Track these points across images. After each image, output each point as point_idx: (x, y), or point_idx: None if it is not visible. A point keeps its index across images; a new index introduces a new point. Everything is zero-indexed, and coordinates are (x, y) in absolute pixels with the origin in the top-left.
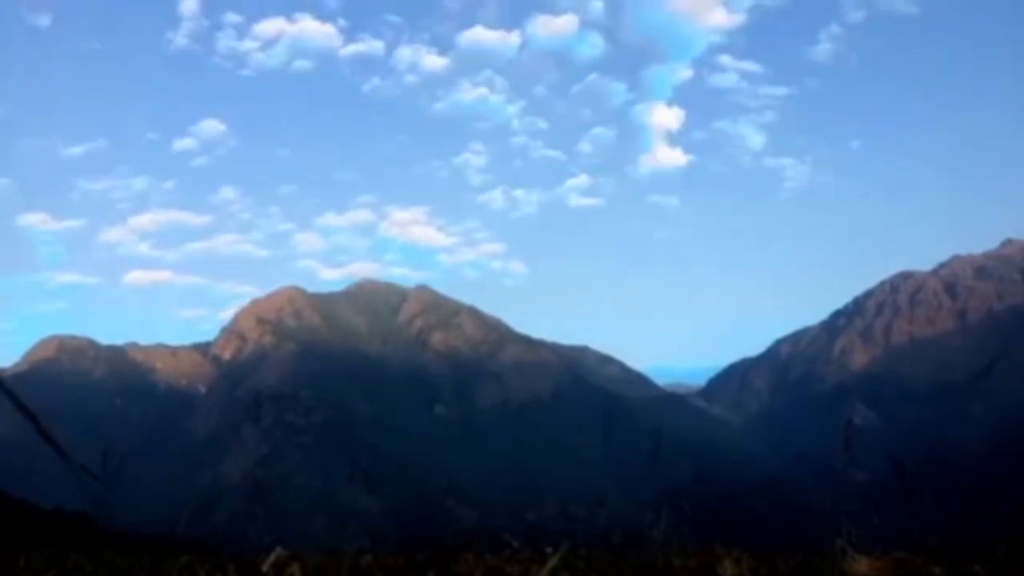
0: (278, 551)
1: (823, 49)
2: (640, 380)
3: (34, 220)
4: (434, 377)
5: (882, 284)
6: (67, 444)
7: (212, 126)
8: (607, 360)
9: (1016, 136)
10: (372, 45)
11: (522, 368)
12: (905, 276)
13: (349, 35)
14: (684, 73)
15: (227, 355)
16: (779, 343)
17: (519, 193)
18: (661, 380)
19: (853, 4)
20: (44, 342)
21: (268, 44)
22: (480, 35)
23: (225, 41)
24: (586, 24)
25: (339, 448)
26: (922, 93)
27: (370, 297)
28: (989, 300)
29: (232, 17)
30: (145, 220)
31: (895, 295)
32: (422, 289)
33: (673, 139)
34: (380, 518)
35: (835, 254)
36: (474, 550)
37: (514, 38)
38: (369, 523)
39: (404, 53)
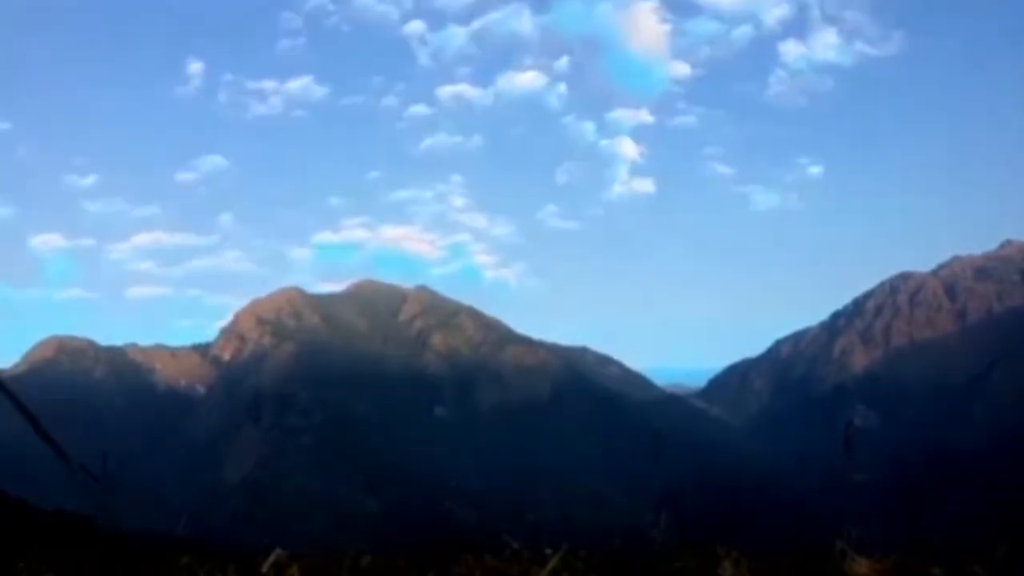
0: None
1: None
2: (640, 381)
3: (44, 240)
4: (434, 378)
5: (882, 285)
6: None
7: (214, 160)
8: (607, 361)
9: (1016, 136)
10: (362, 99)
11: (522, 369)
12: (905, 277)
13: (339, 92)
14: (646, 117)
15: (227, 356)
16: (779, 344)
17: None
18: (661, 381)
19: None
20: (43, 343)
21: (266, 96)
22: (458, 89)
23: (226, 94)
24: (555, 77)
25: (339, 449)
26: (922, 93)
27: (370, 298)
28: (989, 301)
29: (231, 77)
30: (146, 239)
31: (895, 296)
32: (422, 290)
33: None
34: (380, 519)
35: (834, 255)
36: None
37: (488, 92)
38: (369, 524)
39: (391, 101)
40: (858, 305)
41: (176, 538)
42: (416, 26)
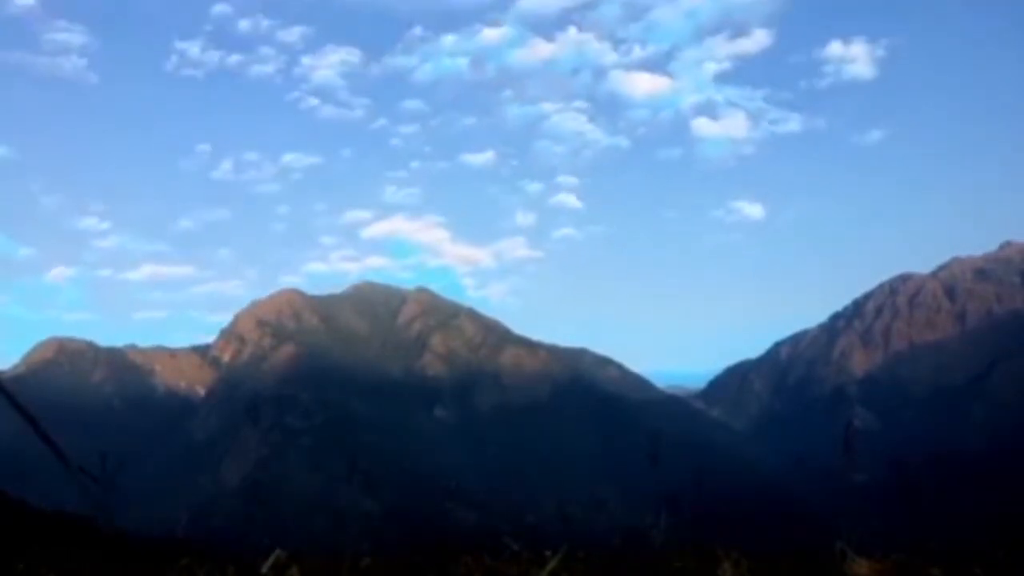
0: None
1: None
2: (639, 382)
3: (58, 273)
4: (433, 379)
5: (881, 286)
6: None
7: (216, 212)
8: (606, 362)
9: (1015, 138)
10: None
11: (521, 370)
12: (904, 278)
13: (328, 162)
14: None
15: (226, 357)
16: (778, 345)
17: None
18: (660, 382)
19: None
20: (43, 344)
21: (261, 167)
22: (426, 164)
23: (227, 165)
24: (504, 155)
25: (338, 450)
26: (921, 95)
27: (369, 299)
28: (988, 302)
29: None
30: (148, 271)
31: (894, 297)
32: (421, 291)
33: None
34: (379, 520)
35: (834, 256)
36: (473, 552)
37: (453, 163)
38: (368, 525)
39: (371, 164)
40: (858, 306)
41: (176, 539)
42: (382, 122)
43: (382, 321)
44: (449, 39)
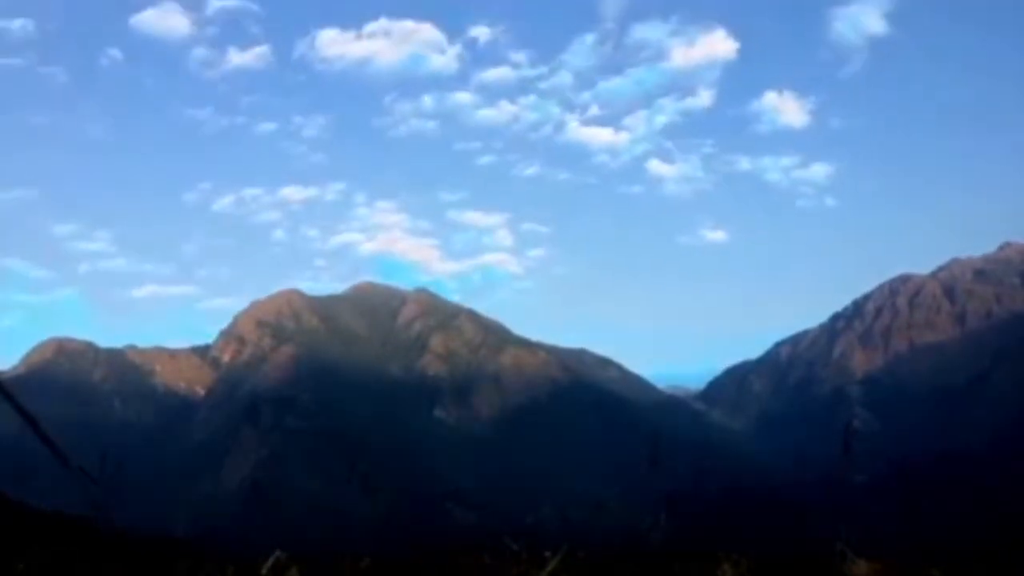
0: (277, 554)
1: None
2: (639, 383)
3: (67, 292)
4: (433, 380)
5: (881, 287)
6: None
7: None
8: (606, 363)
9: (1015, 138)
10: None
11: (521, 371)
12: (904, 279)
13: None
14: None
15: (226, 358)
16: (778, 346)
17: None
18: (660, 383)
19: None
20: (43, 344)
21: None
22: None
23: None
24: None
25: (338, 451)
26: (921, 95)
27: (369, 300)
28: (988, 303)
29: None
30: (149, 291)
31: (894, 298)
32: (421, 292)
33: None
34: (379, 521)
35: (834, 257)
36: (473, 553)
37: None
38: (368, 526)
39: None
40: (857, 307)
41: (176, 539)
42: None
43: (382, 322)
44: (422, 101)
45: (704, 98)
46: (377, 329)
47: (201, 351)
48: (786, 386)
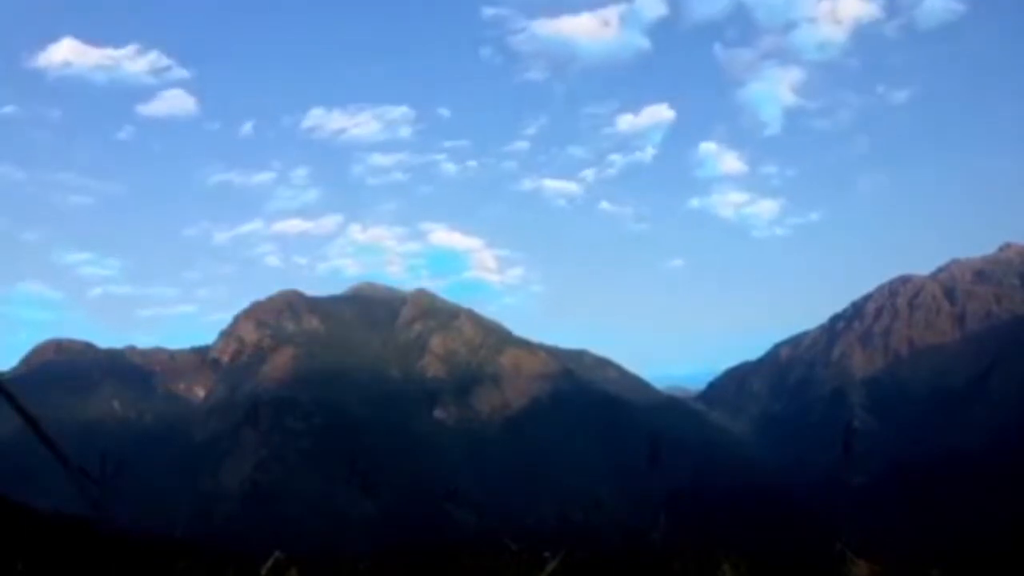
0: (276, 555)
1: None
2: (639, 384)
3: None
4: (433, 380)
5: (881, 288)
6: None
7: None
8: (606, 364)
9: (1015, 139)
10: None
11: (521, 372)
12: (904, 280)
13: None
14: None
15: (226, 358)
16: (778, 347)
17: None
18: (660, 384)
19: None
20: (43, 345)
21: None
22: None
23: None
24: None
25: (338, 452)
26: (921, 96)
27: (369, 300)
28: (988, 304)
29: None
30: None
31: (894, 299)
32: (421, 292)
33: None
34: (379, 522)
35: (834, 258)
36: (473, 553)
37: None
38: (368, 527)
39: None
40: (857, 308)
41: (175, 540)
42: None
43: (382, 322)
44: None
45: (648, 153)
46: (377, 330)
47: (201, 352)
48: (786, 387)
